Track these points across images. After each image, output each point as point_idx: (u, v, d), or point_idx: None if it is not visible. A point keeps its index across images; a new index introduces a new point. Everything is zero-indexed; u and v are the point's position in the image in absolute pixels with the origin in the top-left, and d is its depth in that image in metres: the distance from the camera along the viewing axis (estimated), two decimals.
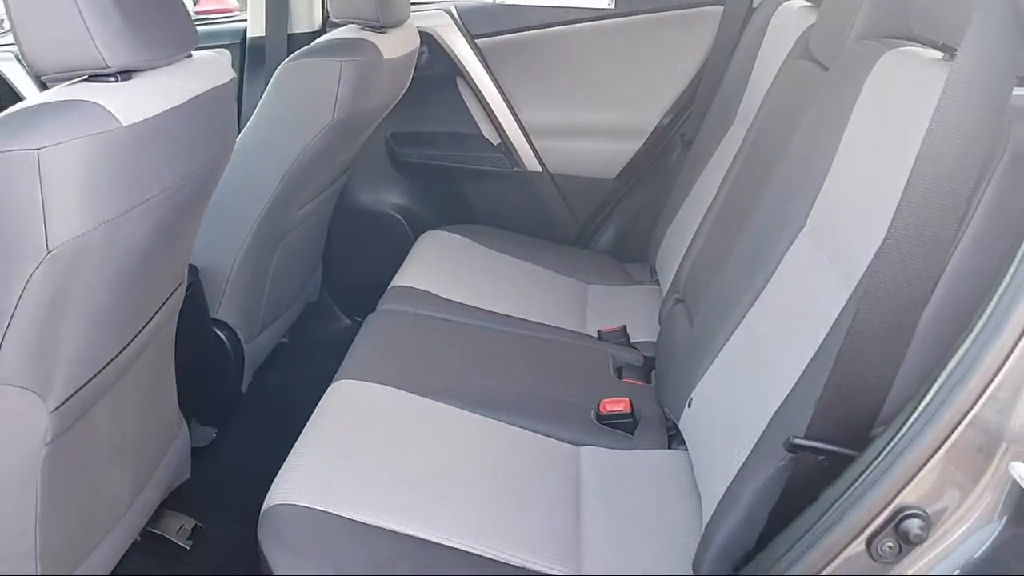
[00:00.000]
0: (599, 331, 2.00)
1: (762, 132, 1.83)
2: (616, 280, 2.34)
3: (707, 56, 2.45)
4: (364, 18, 2.02)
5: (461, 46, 2.53)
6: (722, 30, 2.40)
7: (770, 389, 1.17)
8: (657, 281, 2.22)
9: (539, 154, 2.59)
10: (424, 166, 2.65)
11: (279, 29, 2.43)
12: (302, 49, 1.97)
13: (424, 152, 2.63)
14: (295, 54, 1.95)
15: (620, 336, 1.99)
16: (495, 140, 2.61)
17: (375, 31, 2.03)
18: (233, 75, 1.35)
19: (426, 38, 2.45)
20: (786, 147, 1.54)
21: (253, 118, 1.95)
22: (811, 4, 1.89)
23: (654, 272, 2.28)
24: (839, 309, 1.09)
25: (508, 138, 2.58)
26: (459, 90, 2.59)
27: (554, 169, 2.60)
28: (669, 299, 1.92)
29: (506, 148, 2.60)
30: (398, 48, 2.08)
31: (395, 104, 2.25)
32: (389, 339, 1.81)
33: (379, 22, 2.02)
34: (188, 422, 1.72)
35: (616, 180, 2.61)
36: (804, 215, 1.37)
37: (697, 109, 2.43)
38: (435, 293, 2.01)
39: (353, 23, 2.06)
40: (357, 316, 1.93)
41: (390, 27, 2.06)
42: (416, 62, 2.30)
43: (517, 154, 2.59)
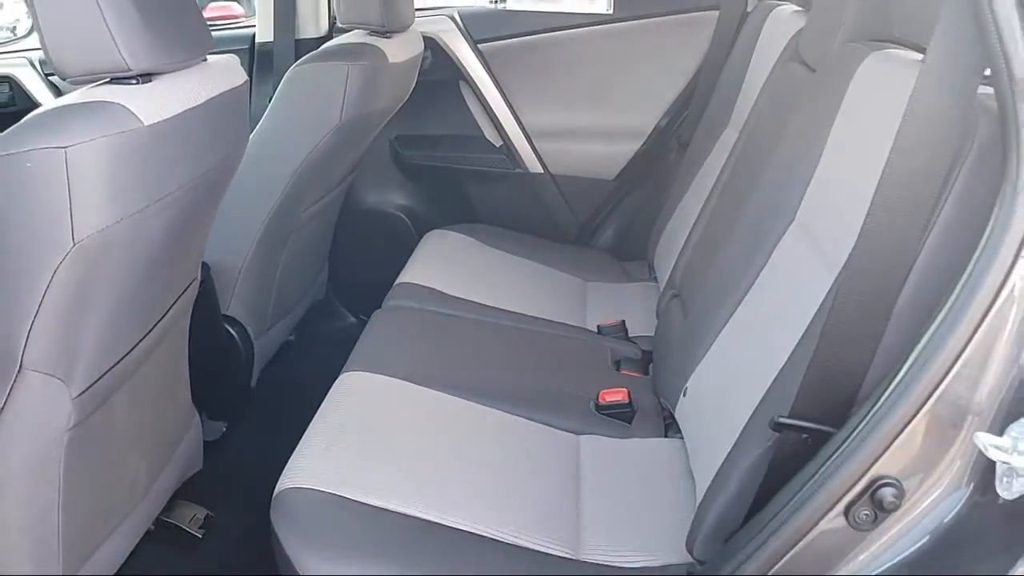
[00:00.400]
0: (599, 326, 2.05)
1: (754, 132, 1.88)
2: (615, 277, 2.39)
3: (703, 60, 2.50)
4: (370, 24, 2.07)
5: (464, 51, 2.58)
6: (717, 34, 2.46)
7: (759, 374, 1.22)
8: (655, 278, 2.27)
9: (540, 155, 2.64)
10: (428, 168, 2.70)
11: (287, 35, 2.49)
12: (310, 54, 2.02)
13: (428, 154, 2.68)
14: (304, 58, 2.00)
15: (619, 331, 2.03)
16: (497, 142, 2.66)
17: (380, 36, 2.08)
18: (246, 78, 1.40)
19: (430, 43, 2.51)
20: (777, 146, 1.59)
21: (263, 121, 2.00)
22: (801, 9, 1.95)
23: (652, 270, 2.32)
24: (823, 296, 1.14)
25: (510, 140, 2.63)
26: (462, 93, 2.65)
27: (555, 170, 2.66)
28: (666, 294, 1.97)
29: (508, 150, 2.65)
30: (403, 52, 2.13)
31: (400, 107, 2.30)
32: (395, 334, 1.86)
33: (384, 27, 2.07)
34: (200, 416, 1.77)
35: (615, 180, 2.66)
36: (793, 210, 1.42)
37: (693, 111, 2.48)
38: (439, 290, 2.06)
39: (359, 28, 2.11)
40: (363, 315, 1.97)
41: (395, 32, 2.12)
42: (420, 66, 2.35)
43: (519, 155, 2.64)
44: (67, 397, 1.17)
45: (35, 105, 2.44)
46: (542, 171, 2.66)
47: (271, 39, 2.50)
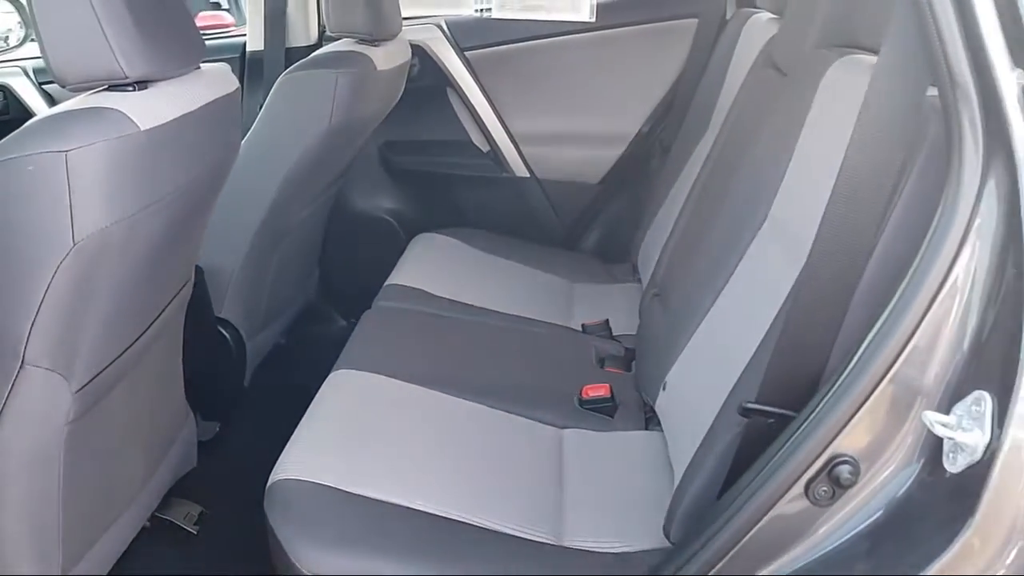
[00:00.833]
0: (583, 325, 2.10)
1: (730, 135, 1.94)
2: (600, 279, 2.43)
3: (683, 66, 2.56)
4: (358, 32, 2.12)
5: (451, 58, 2.63)
6: (697, 41, 2.51)
7: (732, 365, 1.26)
8: (639, 280, 2.31)
9: (526, 160, 2.69)
10: (416, 173, 2.75)
11: (277, 43, 2.53)
12: (300, 62, 2.06)
13: (416, 159, 2.73)
14: (294, 66, 2.05)
15: (603, 329, 2.08)
16: (484, 147, 2.70)
17: (369, 44, 2.12)
18: (238, 85, 1.45)
19: (417, 51, 2.55)
20: (751, 148, 1.65)
21: (254, 127, 2.04)
22: (776, 16, 2.00)
23: (636, 271, 2.36)
24: (790, 288, 1.19)
25: (497, 145, 2.68)
26: (449, 100, 2.69)
27: (541, 174, 2.70)
28: (647, 293, 2.02)
29: (495, 155, 2.69)
30: (391, 60, 2.17)
31: (388, 114, 2.35)
32: (385, 333, 1.90)
33: (372, 36, 2.12)
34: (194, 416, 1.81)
35: (599, 185, 2.71)
36: (766, 209, 1.46)
37: (675, 116, 2.53)
38: (428, 291, 2.11)
39: (348, 37, 2.16)
40: (352, 318, 2.01)
41: (383, 40, 2.16)
42: (408, 73, 2.40)
43: (505, 160, 2.69)
44: (67, 392, 1.22)
45: (29, 113, 2.49)
46: (528, 175, 2.70)
47: (262, 48, 2.54)
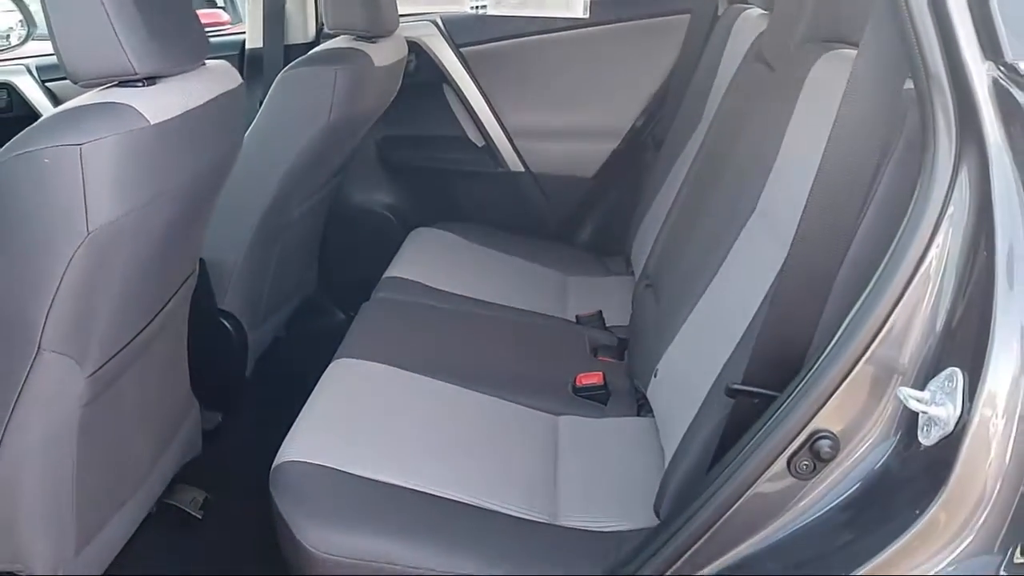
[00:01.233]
0: (577, 316, 2.14)
1: (720, 129, 1.98)
2: (594, 271, 2.47)
3: (676, 61, 2.60)
4: (356, 29, 2.15)
5: (447, 54, 2.66)
6: (689, 37, 2.56)
7: (720, 350, 1.31)
8: (632, 272, 2.35)
9: (521, 155, 2.73)
10: (413, 167, 2.78)
11: (276, 41, 2.57)
12: (299, 59, 2.09)
13: (413, 154, 2.77)
14: (293, 63, 2.08)
15: (596, 320, 2.12)
16: (480, 142, 2.74)
17: (366, 41, 2.15)
18: (241, 81, 1.49)
19: (414, 47, 2.58)
20: (740, 141, 1.69)
21: (255, 123, 2.07)
22: (766, 12, 2.05)
23: (630, 264, 2.40)
24: (776, 274, 1.24)
25: (492, 140, 2.71)
26: (445, 96, 2.73)
27: (535, 169, 2.74)
28: (640, 284, 2.06)
29: (490, 150, 2.73)
30: (388, 56, 2.21)
31: (385, 109, 2.38)
32: (384, 324, 1.94)
33: (370, 33, 2.16)
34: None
35: (593, 179, 2.75)
36: (755, 200, 1.51)
37: (667, 111, 2.57)
38: (425, 284, 2.15)
39: (346, 34, 2.19)
40: (351, 311, 2.05)
41: (380, 37, 2.19)
42: (404, 69, 2.43)
43: (500, 155, 2.73)
44: (80, 376, 1.26)
45: (32, 111, 2.52)
46: (523, 170, 2.74)
47: (261, 45, 2.58)
